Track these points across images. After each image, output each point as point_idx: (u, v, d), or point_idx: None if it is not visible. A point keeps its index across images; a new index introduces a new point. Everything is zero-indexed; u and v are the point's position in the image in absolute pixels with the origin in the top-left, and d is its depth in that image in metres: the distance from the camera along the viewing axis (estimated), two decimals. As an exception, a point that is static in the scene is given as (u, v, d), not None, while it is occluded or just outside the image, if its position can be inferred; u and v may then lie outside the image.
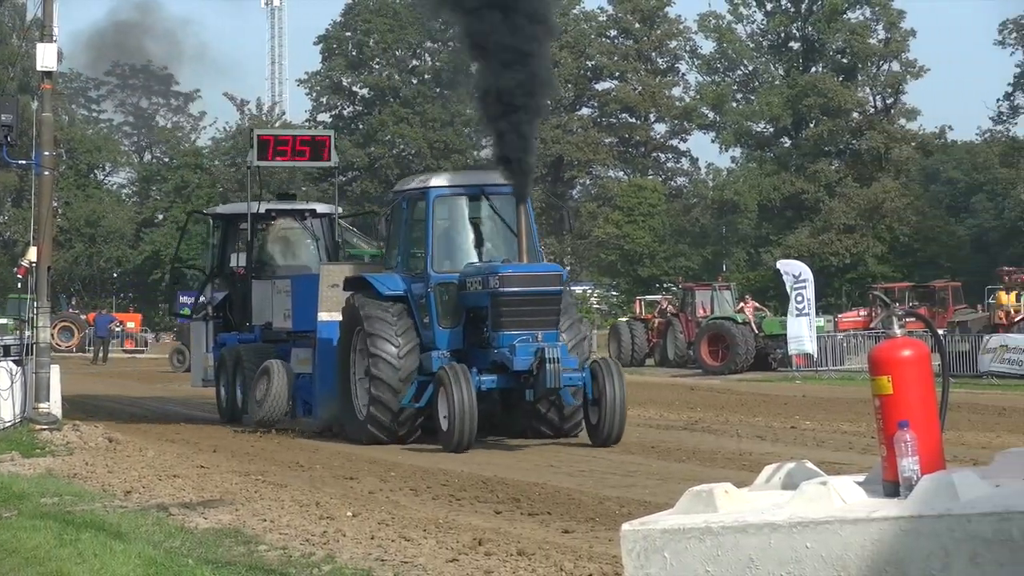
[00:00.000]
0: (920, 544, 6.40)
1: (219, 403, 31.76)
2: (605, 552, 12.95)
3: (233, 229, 34.13)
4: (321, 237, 33.75)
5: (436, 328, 24.85)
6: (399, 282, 25.35)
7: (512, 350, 23.53)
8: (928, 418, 6.98)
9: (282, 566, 12.93)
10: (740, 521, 6.75)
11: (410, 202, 26.02)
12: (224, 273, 33.78)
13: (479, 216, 25.96)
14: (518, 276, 24.00)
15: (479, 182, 26.31)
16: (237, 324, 32.70)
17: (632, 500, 17.21)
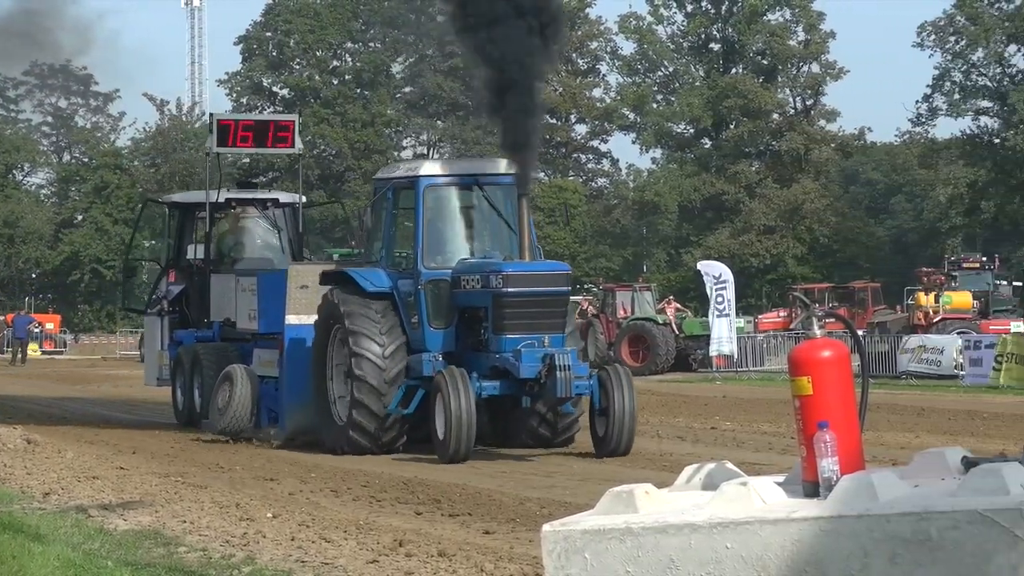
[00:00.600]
0: (839, 544, 6.44)
1: (175, 406, 29.78)
2: (526, 553, 12.98)
3: (190, 219, 32.45)
4: (284, 228, 31.90)
5: (426, 329, 23.02)
6: (384, 278, 23.40)
7: (517, 355, 21.88)
8: (847, 419, 7.03)
9: (202, 568, 12.89)
10: (660, 522, 6.77)
11: (396, 191, 24.08)
12: (180, 265, 31.81)
13: (473, 208, 24.12)
14: (523, 275, 22.45)
15: (473, 171, 24.70)
16: (194, 320, 30.75)
17: (553, 501, 17.26)
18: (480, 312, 22.70)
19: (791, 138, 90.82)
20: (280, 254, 30.99)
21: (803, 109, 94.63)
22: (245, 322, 27.79)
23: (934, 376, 43.72)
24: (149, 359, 32.57)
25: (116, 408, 35.26)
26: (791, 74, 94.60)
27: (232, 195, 32.10)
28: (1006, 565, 6.19)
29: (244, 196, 32.28)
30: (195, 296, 30.74)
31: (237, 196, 32.14)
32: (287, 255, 30.81)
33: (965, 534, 6.26)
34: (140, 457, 23.31)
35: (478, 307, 22.71)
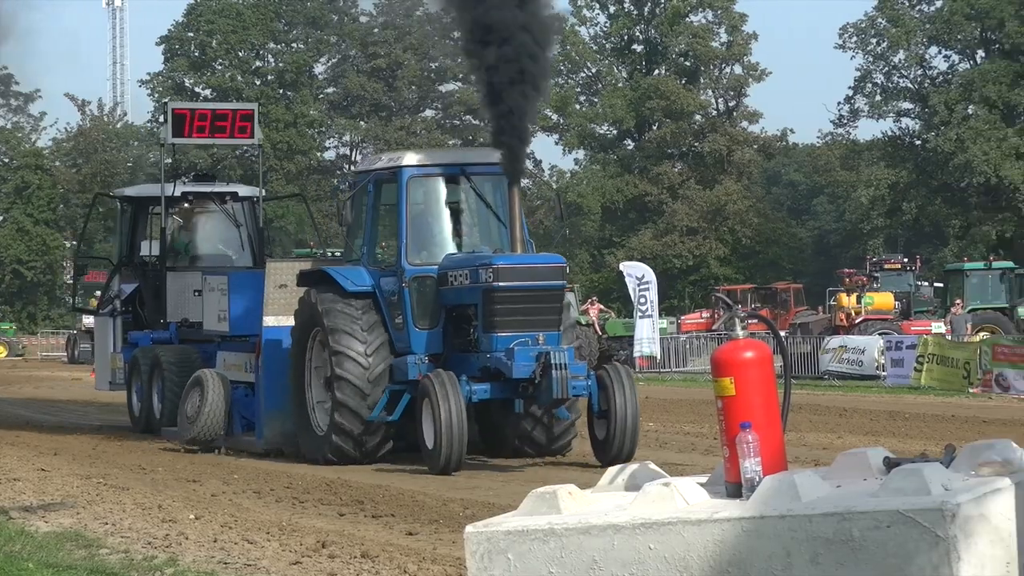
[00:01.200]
0: (762, 544, 6.47)
1: (131, 412, 28.01)
2: (449, 554, 12.97)
3: (143, 213, 30.47)
4: (244, 223, 30.00)
5: (411, 329, 21.37)
6: (365, 276, 21.73)
7: (509, 354, 20.24)
8: (770, 419, 7.07)
9: (124, 570, 12.81)
10: (583, 523, 6.79)
11: (378, 184, 22.20)
12: (134, 262, 29.87)
13: (459, 200, 22.32)
14: (515, 268, 20.68)
15: (459, 160, 23.01)
16: (149, 320, 28.98)
17: (476, 502, 17.24)
18: (469, 310, 21.26)
19: (714, 139, 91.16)
20: (240, 251, 29.77)
21: (726, 111, 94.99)
22: (214, 323, 25.96)
23: (856, 376, 43.99)
24: (100, 362, 30.57)
25: (37, 409, 34.90)
26: (713, 76, 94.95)
27: (188, 189, 30.25)
28: (928, 565, 6.24)
29: (201, 190, 30.45)
30: (150, 295, 29.15)
31: (194, 190, 30.28)
32: (247, 251, 29.69)
33: (887, 534, 6.30)
34: (61, 459, 23.11)
35: (467, 304, 21.23)
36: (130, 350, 28.26)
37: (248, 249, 29.56)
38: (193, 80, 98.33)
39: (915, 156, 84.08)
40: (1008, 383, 33.97)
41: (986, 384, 35.74)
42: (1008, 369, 34.65)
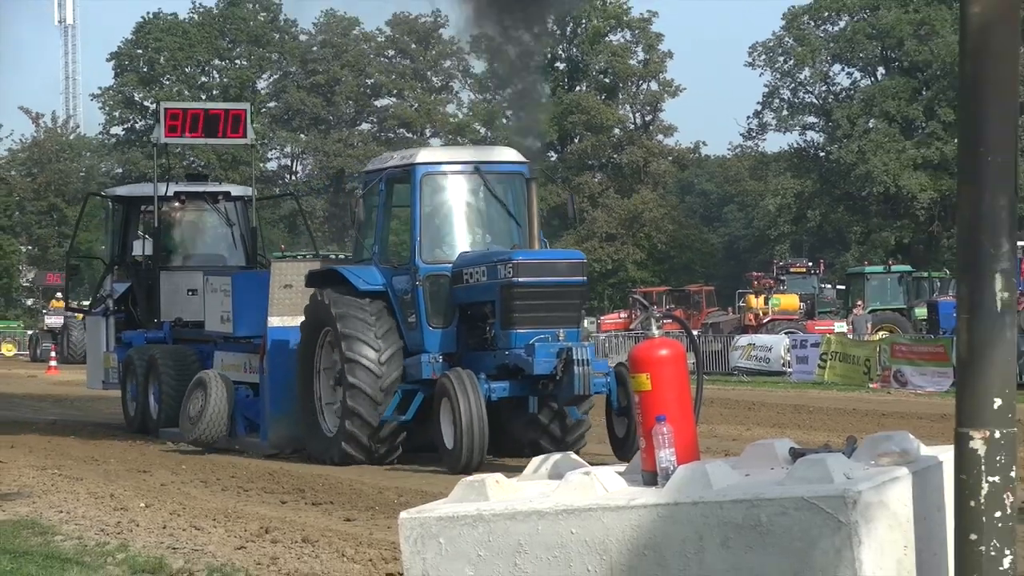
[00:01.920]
0: (676, 529, 6.49)
1: (126, 411, 26.23)
2: (384, 539, 12.94)
3: (135, 213, 28.56)
4: (236, 223, 28.24)
5: (425, 328, 19.89)
6: (377, 275, 20.17)
7: (529, 350, 18.86)
8: (683, 412, 7.10)
9: (78, 555, 12.71)
10: (510, 509, 6.79)
11: (390, 182, 20.70)
12: (126, 262, 28.05)
13: (473, 198, 20.74)
14: (536, 264, 19.27)
15: (472, 158, 21.18)
16: (143, 320, 27.20)
17: (410, 489, 17.20)
18: (485, 307, 19.73)
19: (631, 152, 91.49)
20: (233, 250, 28.08)
21: (642, 124, 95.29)
22: (216, 324, 24.25)
23: (764, 372, 44.22)
24: (93, 361, 28.49)
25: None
26: (631, 92, 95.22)
27: (180, 188, 28.57)
28: (830, 548, 6.27)
29: (193, 189, 28.84)
30: (142, 295, 27.40)
31: (186, 189, 28.60)
32: (240, 251, 28.11)
33: (792, 519, 6.33)
34: (17, 451, 22.82)
35: (483, 302, 19.70)
36: (124, 350, 26.69)
37: (241, 248, 28.01)
38: (142, 95, 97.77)
39: (819, 167, 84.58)
40: (905, 379, 34.21)
41: (885, 380, 35.97)
42: (905, 366, 34.89)
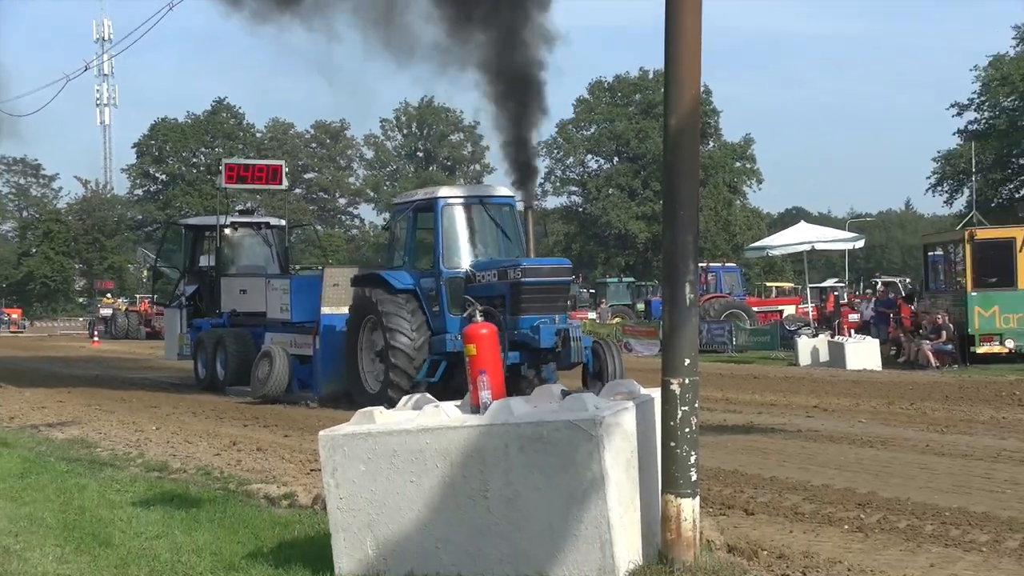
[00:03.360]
0: (492, 441, 6.53)
1: (197, 375, 24.09)
2: (310, 448, 12.87)
3: (200, 236, 26.70)
4: (273, 244, 26.48)
5: (446, 315, 18.39)
6: (407, 278, 18.71)
7: (535, 330, 17.52)
8: (496, 369, 7.16)
9: (111, 460, 12.54)
10: (388, 428, 6.79)
11: (416, 211, 19.19)
12: (193, 271, 26.21)
13: (479, 221, 19.14)
14: (538, 268, 17.94)
15: (477, 193, 19.70)
16: (207, 311, 25.32)
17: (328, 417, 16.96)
18: (495, 300, 18.02)
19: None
20: (271, 263, 26.06)
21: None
22: (276, 313, 22.19)
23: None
24: (170, 340, 26.55)
25: (56, 364, 33.57)
26: (465, 171, 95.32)
27: (235, 219, 26.75)
28: (586, 451, 6.35)
29: (243, 220, 26.87)
30: (206, 293, 25.58)
31: (238, 220, 26.78)
32: (276, 264, 26.04)
33: (564, 434, 6.40)
34: (73, 394, 22.17)
35: (495, 295, 18.05)
36: (194, 332, 24.70)
37: (277, 263, 26.10)
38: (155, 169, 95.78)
39: (579, 218, 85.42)
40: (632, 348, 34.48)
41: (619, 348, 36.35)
42: (632, 339, 35.20)
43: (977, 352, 26.12)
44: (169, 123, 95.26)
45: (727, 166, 78.76)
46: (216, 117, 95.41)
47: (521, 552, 6.39)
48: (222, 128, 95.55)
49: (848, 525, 8.65)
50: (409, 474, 6.62)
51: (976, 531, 8.29)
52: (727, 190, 79.23)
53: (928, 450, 12.77)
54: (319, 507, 8.87)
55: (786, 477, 10.95)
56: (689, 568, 6.34)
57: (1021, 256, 26.65)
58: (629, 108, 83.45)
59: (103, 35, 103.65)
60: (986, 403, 17.71)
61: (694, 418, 6.56)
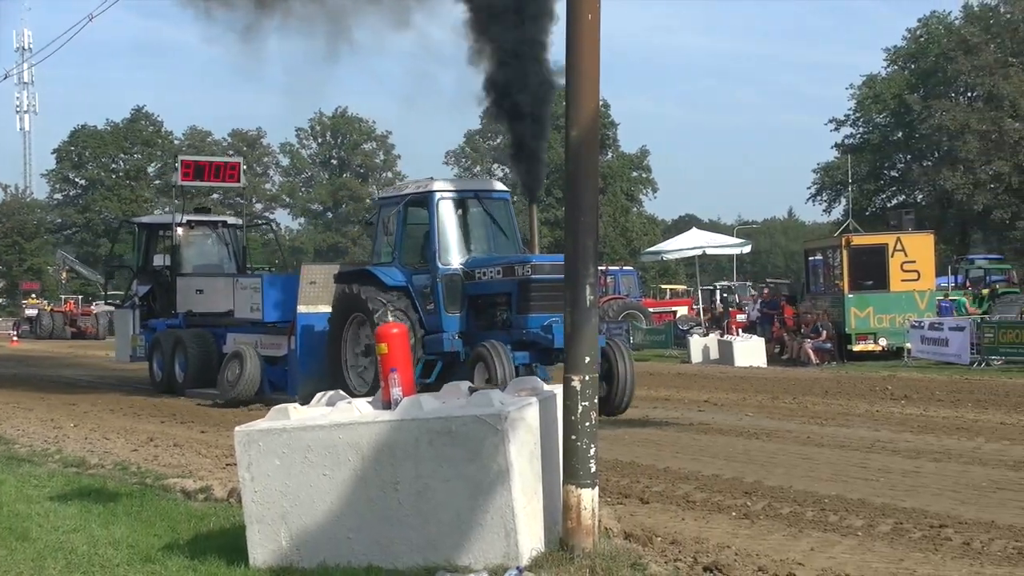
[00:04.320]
0: (402, 435, 6.49)
1: (152, 377, 22.23)
2: (226, 443, 12.64)
3: (155, 235, 24.82)
4: (230, 243, 24.59)
5: (443, 313, 16.71)
6: (399, 274, 17.01)
7: (547, 329, 15.76)
8: (407, 367, 7.11)
9: (29, 456, 12.18)
10: (302, 424, 6.71)
11: (407, 205, 17.38)
12: (147, 270, 24.37)
13: (473, 217, 17.46)
14: (547, 265, 16.24)
15: (472, 187, 18.02)
16: (161, 311, 23.52)
17: (246, 415, 16.83)
18: (498, 298, 16.53)
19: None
20: (228, 262, 24.28)
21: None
22: (246, 313, 20.43)
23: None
24: (122, 341, 24.45)
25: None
26: (377, 177, 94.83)
27: (191, 217, 24.75)
28: (492, 444, 6.34)
29: (200, 219, 24.98)
30: (161, 293, 23.76)
31: (195, 218, 24.82)
32: (233, 264, 24.28)
33: (471, 428, 6.39)
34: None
35: (497, 293, 16.50)
36: (149, 333, 22.95)
37: (233, 262, 24.30)
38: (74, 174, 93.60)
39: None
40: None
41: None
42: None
43: (853, 350, 26.72)
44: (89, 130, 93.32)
45: (624, 175, 79.44)
46: (135, 125, 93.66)
47: (430, 541, 6.36)
48: (141, 135, 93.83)
49: (736, 512, 8.77)
50: (322, 468, 6.55)
51: (852, 516, 8.46)
52: (624, 198, 79.94)
53: (809, 441, 13.01)
54: (235, 500, 8.74)
55: (679, 468, 11.07)
56: (588, 554, 6.36)
57: (893, 261, 27.34)
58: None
59: (23, 44, 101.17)
60: (861, 397, 18.12)
61: (593, 412, 6.59)
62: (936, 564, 6.99)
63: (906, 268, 27.32)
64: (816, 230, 75.74)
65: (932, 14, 61.98)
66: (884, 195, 61.93)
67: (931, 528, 7.97)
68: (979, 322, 25.52)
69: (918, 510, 8.62)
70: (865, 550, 7.41)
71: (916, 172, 57.53)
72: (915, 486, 9.82)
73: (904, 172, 60.31)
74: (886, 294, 27.20)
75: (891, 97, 60.49)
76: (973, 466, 10.91)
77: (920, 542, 7.59)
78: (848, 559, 7.14)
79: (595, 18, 6.65)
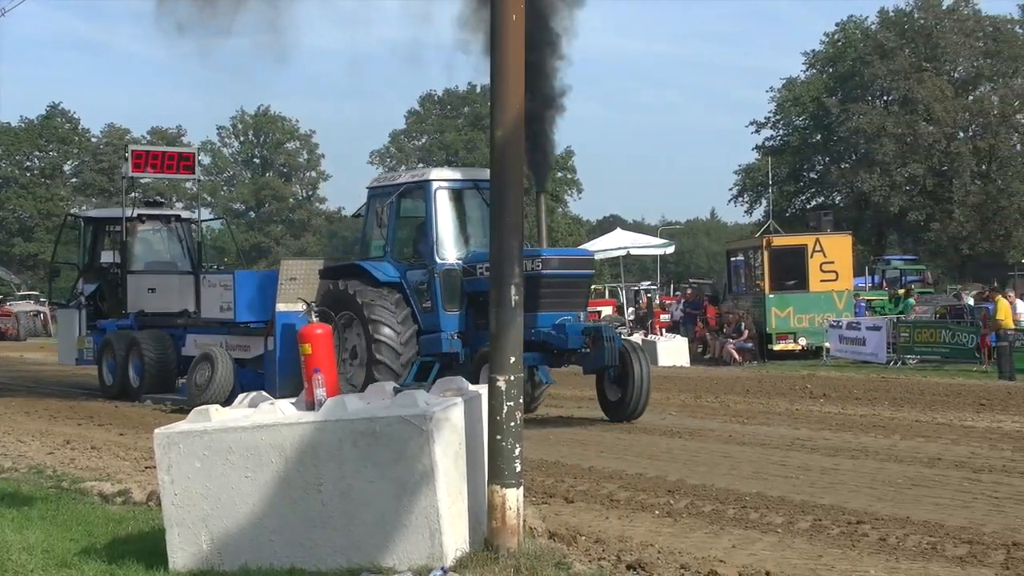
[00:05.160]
0: (326, 436, 6.44)
1: (102, 381, 20.75)
2: (145, 446, 12.44)
3: (102, 231, 23.18)
4: (184, 239, 23.10)
5: (440, 312, 15.61)
6: (392, 270, 15.91)
7: (559, 329, 14.72)
8: (330, 367, 7.07)
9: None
10: (223, 425, 6.63)
11: (401, 196, 16.28)
12: (94, 268, 22.75)
13: (473, 208, 16.25)
14: (559, 259, 15.24)
15: (471, 176, 16.61)
16: (110, 312, 21.98)
17: (167, 417, 16.56)
18: None
19: (300, 213, 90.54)
20: (182, 259, 22.87)
21: (305, 197, 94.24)
22: (215, 312, 18.97)
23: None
24: (66, 343, 22.83)
25: None
26: (301, 176, 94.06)
27: (142, 211, 23.13)
28: (417, 444, 6.33)
29: (152, 212, 23.33)
30: (109, 292, 22.22)
31: (146, 212, 23.21)
32: (188, 261, 22.87)
33: (395, 428, 6.36)
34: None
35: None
36: (98, 335, 21.37)
37: (188, 259, 22.86)
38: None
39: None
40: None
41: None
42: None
43: (774, 349, 27.14)
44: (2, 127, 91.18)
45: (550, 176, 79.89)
46: (50, 121, 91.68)
47: (354, 543, 6.32)
48: (56, 133, 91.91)
49: (659, 510, 8.85)
50: (244, 470, 6.47)
51: (773, 514, 8.59)
52: (549, 198, 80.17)
53: (731, 440, 13.18)
54: (154, 503, 8.60)
55: (603, 467, 11.14)
56: (513, 554, 6.37)
57: (812, 261, 27.82)
58: (458, 120, 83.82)
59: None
60: (782, 396, 18.41)
61: (519, 412, 6.60)
62: (853, 560, 7.12)
63: (825, 269, 27.82)
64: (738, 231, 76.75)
65: (849, 19, 63.26)
66: (804, 196, 62.98)
67: (849, 524, 8.12)
68: (895, 322, 26.07)
69: (836, 507, 8.77)
70: (785, 547, 7.52)
71: (834, 174, 58.59)
72: (833, 483, 10.00)
73: (823, 174, 61.38)
74: (806, 294, 27.67)
75: (810, 100, 61.54)
76: (889, 463, 11.13)
77: (838, 538, 7.73)
78: (768, 556, 7.24)
79: (520, 19, 6.66)
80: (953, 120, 52.93)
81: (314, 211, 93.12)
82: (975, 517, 8.34)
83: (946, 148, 52.69)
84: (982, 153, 53.16)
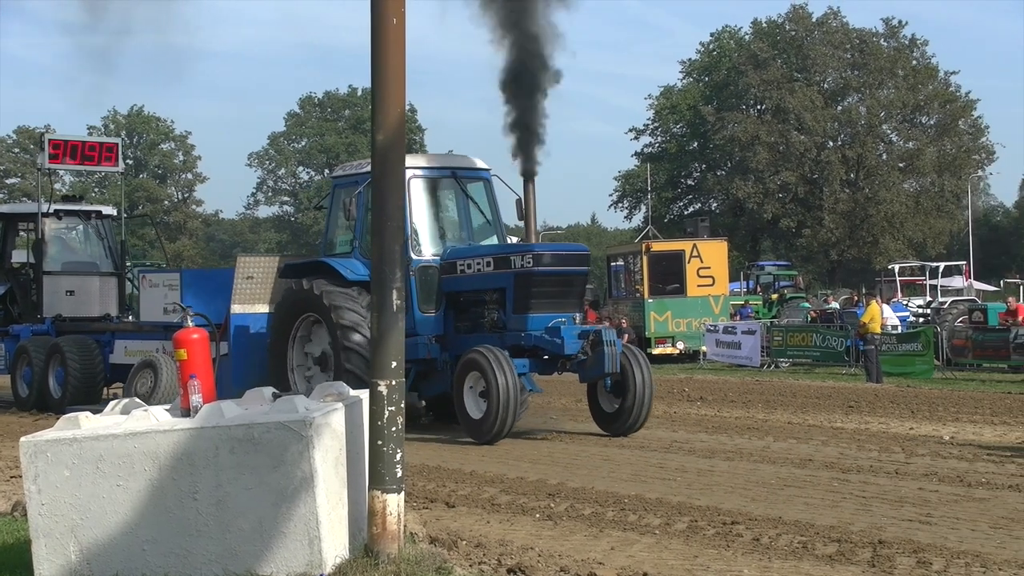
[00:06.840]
0: (202, 443, 6.31)
1: (16, 393, 19.01)
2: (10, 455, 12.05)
3: (13, 227, 21.25)
4: (106, 236, 21.05)
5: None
6: (360, 267, 14.35)
7: (554, 333, 13.47)
8: (206, 373, 6.95)
9: None
10: (94, 433, 6.44)
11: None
12: (5, 268, 20.77)
13: (451, 199, 15.05)
14: (552, 255, 13.83)
15: (448, 164, 15.21)
16: (23, 316, 20.21)
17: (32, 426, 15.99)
18: (486, 294, 14.05)
19: (176, 215, 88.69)
20: (104, 259, 20.97)
21: (181, 199, 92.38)
22: (158, 315, 17.37)
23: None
24: None
25: None
26: (176, 179, 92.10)
27: (60, 207, 21.06)
28: (296, 451, 6.26)
29: (70, 208, 21.18)
30: (21, 295, 20.43)
31: (64, 208, 21.11)
32: (110, 260, 20.97)
33: (274, 435, 6.28)
34: None
35: (486, 289, 14.03)
36: (11, 342, 19.68)
37: (110, 258, 21.00)
38: None
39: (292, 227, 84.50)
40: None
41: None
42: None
43: (653, 353, 27.57)
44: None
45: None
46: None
47: (230, 551, 6.21)
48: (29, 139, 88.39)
49: (540, 514, 8.90)
50: (116, 479, 6.30)
51: (651, 515, 8.72)
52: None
53: (611, 443, 13.33)
54: (19, 514, 8.31)
55: (485, 471, 11.16)
56: (393, 560, 6.34)
57: (690, 267, 28.37)
58: (339, 123, 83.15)
59: None
60: (660, 399, 18.71)
61: (400, 417, 6.57)
62: (728, 560, 7.27)
63: (702, 274, 28.40)
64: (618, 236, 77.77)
65: (724, 28, 64.74)
66: (681, 203, 64.21)
67: (724, 525, 8.29)
68: (769, 326, 26.74)
69: (712, 508, 8.95)
70: (662, 548, 7.64)
71: (711, 181, 59.89)
72: (709, 484, 10.20)
73: (700, 181, 62.67)
74: (683, 299, 28.19)
75: (687, 108, 62.77)
76: (763, 464, 11.41)
77: (714, 539, 7.88)
78: (646, 557, 7.34)
79: (400, 22, 6.64)
80: (823, 129, 54.60)
81: (191, 214, 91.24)
82: (843, 516, 8.59)
83: (817, 157, 54.33)
84: (851, 162, 54.94)
